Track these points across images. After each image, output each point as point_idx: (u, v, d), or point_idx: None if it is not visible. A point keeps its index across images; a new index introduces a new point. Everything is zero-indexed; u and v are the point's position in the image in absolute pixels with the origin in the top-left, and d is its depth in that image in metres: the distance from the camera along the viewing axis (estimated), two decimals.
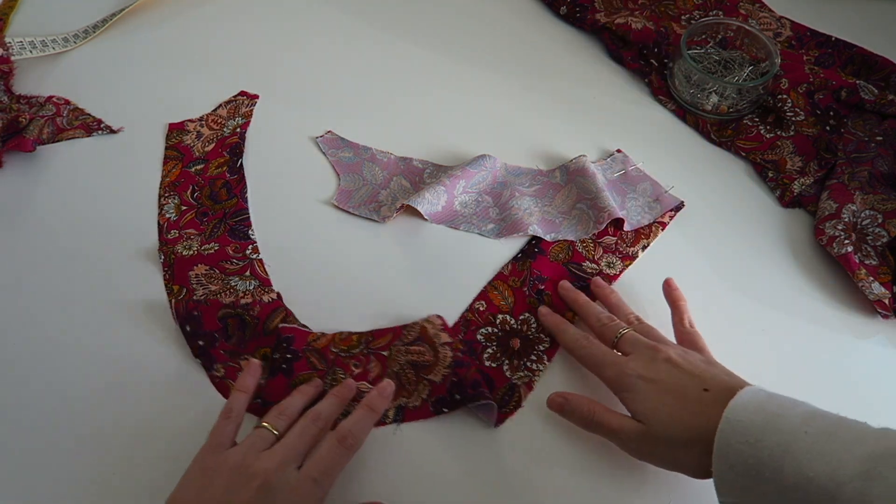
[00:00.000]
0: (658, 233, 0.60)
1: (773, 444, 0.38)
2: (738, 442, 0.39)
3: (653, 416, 0.44)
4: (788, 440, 0.37)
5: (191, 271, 0.55)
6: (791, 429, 0.38)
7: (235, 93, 0.68)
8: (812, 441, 0.37)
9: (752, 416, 0.39)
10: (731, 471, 0.39)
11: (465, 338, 0.54)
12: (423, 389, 0.50)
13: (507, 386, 0.51)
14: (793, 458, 0.37)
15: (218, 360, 0.51)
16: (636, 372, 0.46)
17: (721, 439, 0.40)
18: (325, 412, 0.46)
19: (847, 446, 0.36)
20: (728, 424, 0.40)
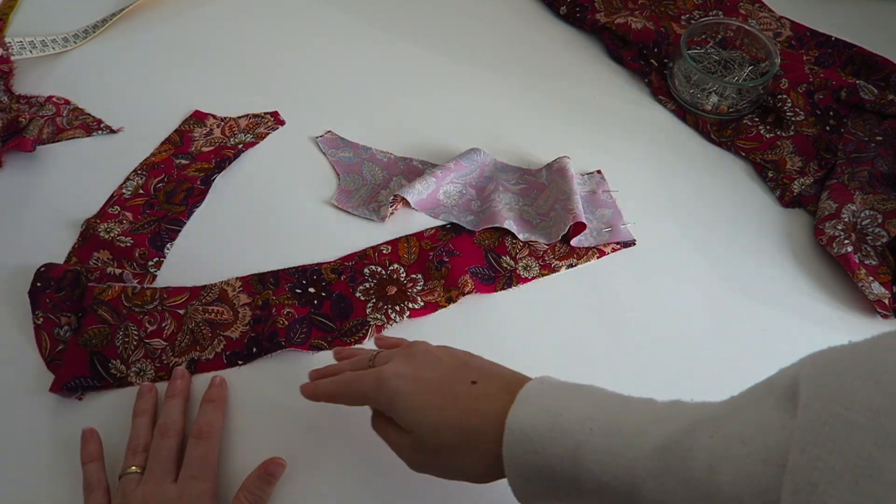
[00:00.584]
0: (592, 258, 0.59)
1: (561, 452, 0.34)
2: (526, 452, 0.35)
3: (418, 423, 0.39)
4: (575, 444, 0.34)
5: (96, 252, 0.56)
6: (575, 430, 0.34)
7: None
8: (597, 442, 0.34)
9: (535, 421, 0.35)
10: (527, 483, 0.36)
11: (354, 266, 0.57)
12: (217, 344, 0.52)
13: (360, 320, 0.54)
14: (584, 464, 0.34)
15: (41, 308, 0.53)
16: (393, 371, 0.40)
17: (507, 451, 0.36)
18: (170, 420, 0.47)
19: (632, 441, 0.33)
20: (511, 434, 0.36)
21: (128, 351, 0.52)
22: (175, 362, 0.52)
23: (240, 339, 0.53)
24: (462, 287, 0.55)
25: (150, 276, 0.56)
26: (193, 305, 0.54)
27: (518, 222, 0.60)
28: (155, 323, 0.53)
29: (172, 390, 0.49)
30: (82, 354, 0.50)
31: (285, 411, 0.50)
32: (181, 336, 0.53)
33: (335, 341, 0.53)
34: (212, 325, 0.53)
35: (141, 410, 0.48)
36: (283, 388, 0.51)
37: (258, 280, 0.55)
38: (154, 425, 0.48)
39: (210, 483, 0.44)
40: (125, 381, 0.51)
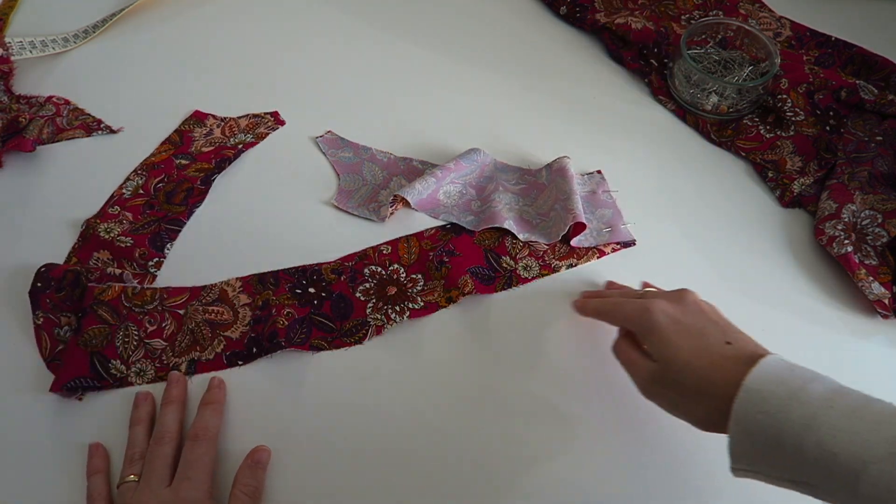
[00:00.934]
0: (592, 258, 0.59)
1: (795, 417, 0.37)
2: (759, 412, 0.38)
3: (671, 356, 0.43)
4: (812, 413, 0.36)
5: (96, 252, 0.56)
6: (815, 402, 0.37)
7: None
8: (837, 417, 0.36)
9: (773, 388, 0.38)
10: (748, 439, 0.39)
11: (354, 266, 0.57)
12: (217, 345, 0.52)
13: (360, 320, 0.54)
14: (816, 433, 0.36)
15: (41, 308, 0.53)
16: (660, 307, 0.45)
17: (739, 408, 0.39)
18: (166, 427, 0.47)
19: (874, 426, 0.35)
20: (748, 394, 0.39)
21: (128, 351, 0.52)
22: (175, 362, 0.52)
23: (240, 339, 0.53)
24: (462, 287, 0.55)
25: (150, 277, 0.56)
26: (193, 305, 0.54)
27: (518, 222, 0.60)
28: (155, 323, 0.53)
29: (168, 397, 0.49)
30: (82, 354, 0.50)
31: (285, 411, 0.50)
32: (181, 336, 0.53)
33: (335, 341, 0.53)
34: (212, 325, 0.53)
35: (137, 420, 0.48)
36: (284, 389, 0.51)
37: (258, 280, 0.55)
38: (151, 433, 0.48)
39: (205, 484, 0.44)
40: (125, 381, 0.51)
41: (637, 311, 0.46)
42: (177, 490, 0.44)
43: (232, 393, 0.51)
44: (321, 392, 0.51)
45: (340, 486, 0.48)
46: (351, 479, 0.48)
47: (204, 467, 0.45)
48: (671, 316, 0.45)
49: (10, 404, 0.50)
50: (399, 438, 0.50)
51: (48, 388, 0.49)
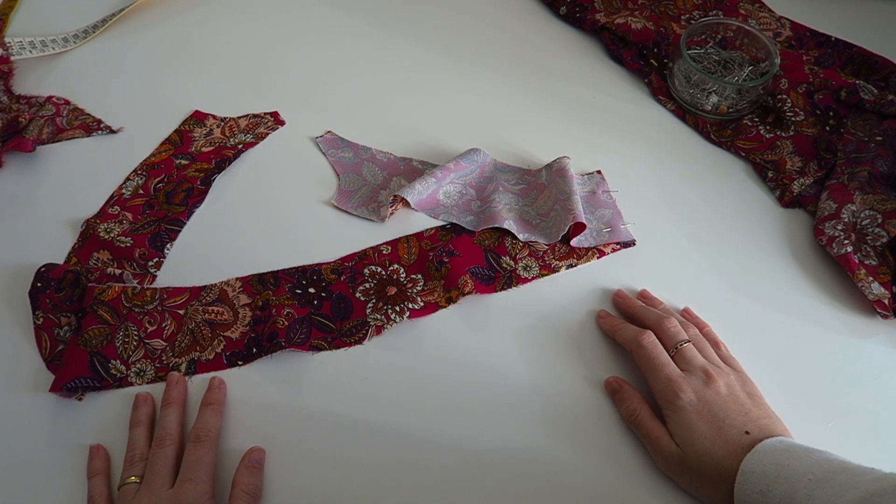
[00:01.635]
0: (592, 258, 0.59)
1: (780, 493, 0.40)
2: (753, 492, 0.42)
3: (691, 444, 0.46)
4: (793, 489, 0.40)
5: (95, 252, 0.56)
6: (797, 476, 0.40)
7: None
8: (813, 487, 0.39)
9: (765, 468, 0.42)
10: None
11: (354, 266, 0.57)
12: (217, 345, 0.52)
13: (360, 320, 0.54)
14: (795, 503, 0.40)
15: (41, 308, 0.53)
16: (687, 395, 0.47)
17: (739, 490, 0.43)
18: (167, 429, 0.47)
19: (842, 490, 0.38)
20: (744, 476, 0.42)
21: (128, 351, 0.52)
22: (175, 363, 0.52)
23: (240, 339, 0.53)
24: (462, 287, 0.55)
25: (150, 277, 0.56)
26: (193, 306, 0.54)
27: (518, 222, 0.60)
28: (155, 323, 0.53)
29: (168, 398, 0.49)
30: (82, 355, 0.50)
31: (285, 411, 0.50)
32: (181, 336, 0.53)
33: (335, 342, 0.53)
34: (212, 325, 0.53)
35: (137, 421, 0.48)
36: (284, 389, 0.51)
37: (258, 280, 0.56)
38: (151, 435, 0.48)
39: (206, 485, 0.45)
40: (125, 381, 0.51)
41: (667, 387, 0.48)
42: (179, 492, 0.44)
43: (232, 393, 0.51)
44: (321, 392, 0.51)
45: (340, 486, 0.48)
46: (351, 479, 0.48)
47: (206, 468, 0.45)
48: (695, 403, 0.47)
49: (10, 404, 0.50)
50: (399, 438, 0.50)
51: (48, 388, 0.49)
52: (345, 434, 0.50)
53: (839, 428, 0.51)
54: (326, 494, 0.48)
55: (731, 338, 0.55)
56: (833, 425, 0.52)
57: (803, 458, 0.42)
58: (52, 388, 0.49)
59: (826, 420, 0.52)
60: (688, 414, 0.46)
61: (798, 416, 0.52)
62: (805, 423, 0.50)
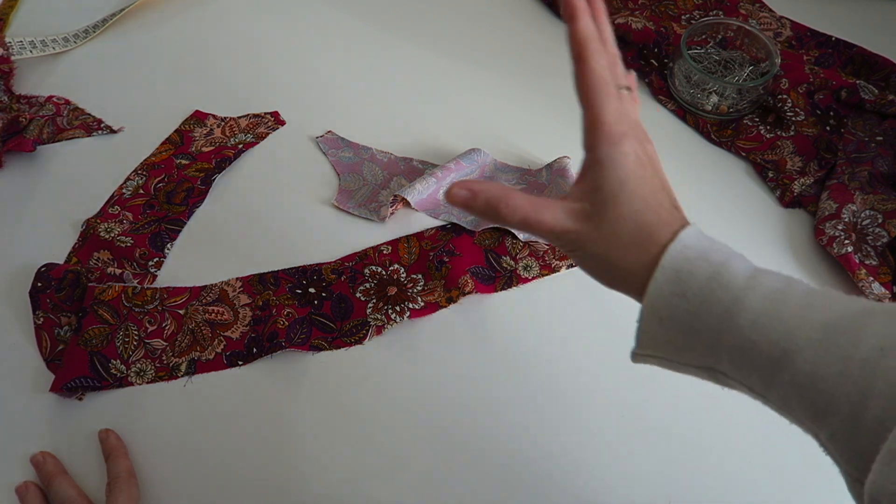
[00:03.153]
0: None
1: (714, 301, 0.33)
2: (673, 294, 0.33)
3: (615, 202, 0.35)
4: (731, 299, 0.32)
5: (96, 252, 0.56)
6: (737, 286, 0.33)
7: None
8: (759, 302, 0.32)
9: (692, 267, 0.33)
10: (660, 323, 0.34)
11: (354, 266, 0.57)
12: (217, 345, 0.52)
13: (360, 320, 0.54)
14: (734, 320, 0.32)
15: (42, 308, 0.53)
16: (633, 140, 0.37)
17: (654, 288, 0.33)
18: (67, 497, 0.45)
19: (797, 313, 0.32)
20: (663, 273, 0.33)
21: (128, 351, 0.52)
22: (175, 362, 0.52)
23: (240, 339, 0.53)
24: (462, 287, 0.55)
25: (151, 277, 0.56)
26: (193, 305, 0.54)
27: None
28: (155, 323, 0.53)
29: (47, 475, 0.47)
30: (82, 354, 0.50)
31: (285, 411, 0.50)
32: (181, 336, 0.53)
33: (335, 341, 0.53)
34: (212, 325, 0.53)
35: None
36: (284, 389, 0.51)
37: (258, 280, 0.56)
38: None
39: None
40: (125, 380, 0.51)
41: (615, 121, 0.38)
42: None
43: (232, 393, 0.51)
44: (321, 392, 0.51)
45: (340, 486, 0.48)
46: (351, 479, 0.48)
47: None
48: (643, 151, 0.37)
49: (10, 404, 0.50)
50: (399, 438, 0.50)
51: (48, 388, 0.49)
52: (345, 433, 0.50)
53: None
54: (327, 494, 0.47)
55: None
56: None
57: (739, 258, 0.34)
58: (52, 387, 0.49)
59: None
60: (628, 162, 0.36)
61: None
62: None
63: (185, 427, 0.50)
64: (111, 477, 0.46)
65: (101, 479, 0.47)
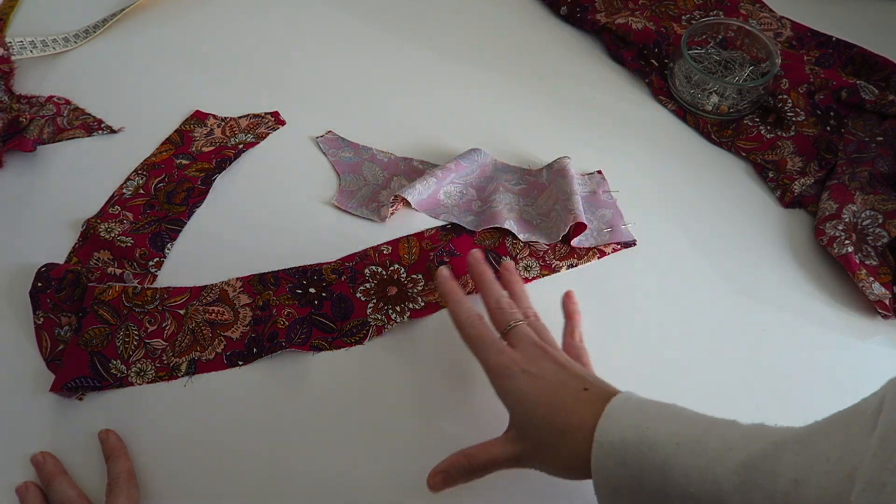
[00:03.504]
0: (592, 259, 0.59)
1: (648, 464, 0.37)
2: (615, 463, 0.38)
3: (524, 414, 0.42)
4: (664, 458, 0.37)
5: (96, 252, 0.56)
6: (663, 444, 0.37)
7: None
8: (685, 455, 0.36)
9: (623, 434, 0.38)
10: (614, 493, 0.39)
11: (354, 266, 0.56)
12: (218, 345, 0.52)
13: (361, 320, 0.54)
14: (671, 478, 0.36)
15: (42, 308, 0.53)
16: (520, 365, 0.44)
17: (597, 465, 0.38)
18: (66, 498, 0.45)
19: (718, 458, 0.36)
20: (601, 448, 0.38)
21: (128, 351, 0.52)
22: (175, 363, 0.52)
23: (240, 339, 0.53)
24: (463, 287, 0.55)
25: (151, 277, 0.56)
26: (194, 305, 0.54)
27: (518, 222, 0.60)
28: (155, 323, 0.53)
29: (47, 476, 0.46)
30: (83, 354, 0.50)
31: (285, 412, 0.50)
32: (181, 336, 0.53)
33: (335, 342, 0.53)
34: (212, 325, 0.53)
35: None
36: (284, 389, 0.51)
37: (258, 280, 0.55)
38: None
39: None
40: (126, 380, 0.51)
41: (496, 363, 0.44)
42: None
43: (232, 393, 0.51)
44: (321, 392, 0.51)
45: (341, 486, 0.48)
46: (351, 479, 0.48)
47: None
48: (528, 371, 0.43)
49: (10, 404, 0.50)
50: (399, 438, 0.50)
51: (48, 388, 0.49)
52: (345, 434, 0.50)
53: None
54: (327, 494, 0.47)
55: (731, 338, 0.55)
56: None
57: (660, 418, 0.38)
58: (52, 387, 0.49)
59: None
60: (521, 381, 0.43)
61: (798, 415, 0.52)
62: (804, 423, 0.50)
63: (185, 427, 0.50)
64: (111, 477, 0.46)
65: (101, 480, 0.47)
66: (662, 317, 0.56)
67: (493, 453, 0.44)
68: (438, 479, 0.45)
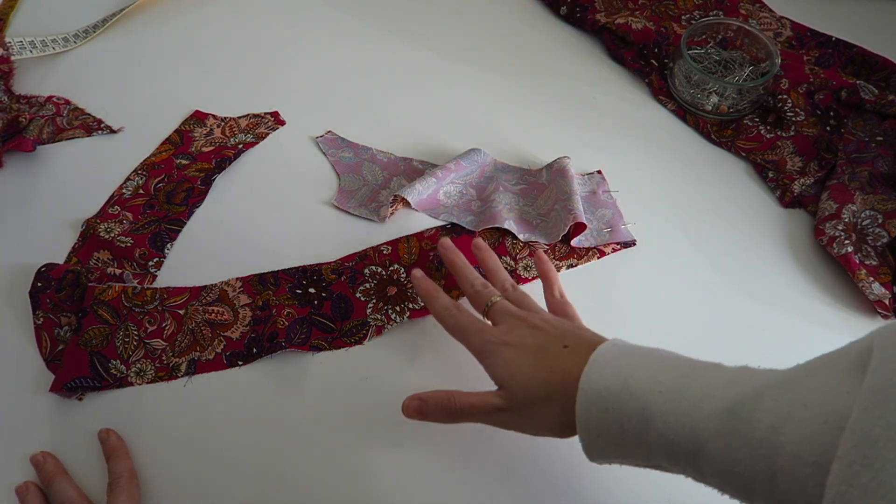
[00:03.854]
0: (592, 259, 0.59)
1: (629, 411, 0.37)
2: (598, 410, 0.38)
3: (511, 378, 0.43)
4: (644, 404, 0.37)
5: (96, 252, 0.56)
6: (644, 391, 0.37)
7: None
8: (665, 402, 0.37)
9: (607, 382, 0.38)
10: (597, 438, 0.39)
11: (354, 266, 0.56)
12: (217, 345, 0.52)
13: (360, 320, 0.54)
14: (651, 424, 0.37)
15: (42, 308, 0.53)
16: (500, 338, 0.44)
17: (581, 410, 0.39)
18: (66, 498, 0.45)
19: (697, 405, 0.36)
20: (584, 395, 0.39)
21: (128, 351, 0.52)
22: (175, 363, 0.52)
23: (240, 339, 0.53)
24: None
25: (151, 277, 0.56)
26: (193, 306, 0.54)
27: (518, 222, 0.60)
28: (155, 323, 0.53)
29: (47, 476, 0.46)
30: (82, 355, 0.50)
31: (285, 412, 0.50)
32: (181, 336, 0.53)
33: (335, 342, 0.53)
34: (212, 325, 0.53)
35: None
36: (284, 389, 0.51)
37: (258, 280, 0.56)
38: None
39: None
40: (125, 381, 0.51)
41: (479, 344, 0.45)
42: None
43: (232, 393, 0.51)
44: (321, 392, 0.51)
45: (341, 486, 0.48)
46: (351, 479, 0.48)
47: None
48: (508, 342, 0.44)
49: (10, 404, 0.50)
50: (399, 438, 0.50)
51: (48, 388, 0.49)
52: (345, 434, 0.50)
53: None
54: (326, 493, 0.47)
55: (731, 338, 0.55)
56: None
57: (643, 363, 0.39)
58: (52, 388, 0.49)
59: None
60: (502, 355, 0.43)
61: None
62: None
63: (185, 427, 0.50)
64: (112, 477, 0.46)
65: (101, 480, 0.47)
66: (662, 317, 0.56)
67: (474, 399, 0.44)
68: (414, 404, 0.45)
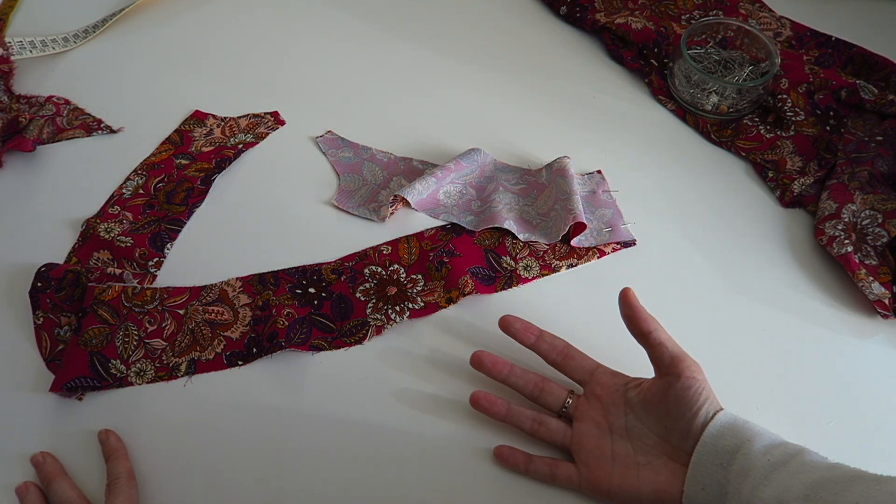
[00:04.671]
0: (592, 258, 0.59)
1: (738, 468, 0.41)
2: (713, 464, 0.42)
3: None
4: (751, 464, 0.41)
5: (96, 252, 0.56)
6: (755, 454, 0.41)
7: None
8: (769, 467, 0.40)
9: (726, 441, 0.42)
10: (702, 491, 0.43)
11: (354, 266, 0.57)
12: (217, 345, 0.52)
13: (360, 320, 0.54)
14: (750, 480, 0.40)
15: (41, 308, 0.53)
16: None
17: (697, 460, 0.43)
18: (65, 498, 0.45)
19: (795, 474, 0.39)
20: (704, 446, 0.43)
21: (128, 351, 0.52)
22: (175, 362, 0.52)
23: (240, 339, 0.53)
24: (462, 287, 0.55)
25: (151, 277, 0.56)
26: (193, 305, 0.54)
27: (518, 222, 0.60)
28: (155, 323, 0.53)
29: (47, 476, 0.46)
30: (82, 354, 0.50)
31: (284, 411, 0.50)
32: (181, 336, 0.53)
33: (335, 342, 0.53)
34: (212, 325, 0.53)
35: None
36: (284, 389, 0.51)
37: (258, 280, 0.56)
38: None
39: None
40: (125, 380, 0.51)
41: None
42: None
43: (232, 393, 0.51)
44: (321, 392, 0.51)
45: (340, 486, 0.48)
46: (351, 479, 0.48)
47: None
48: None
49: (10, 404, 0.50)
50: (399, 438, 0.50)
51: (48, 388, 0.49)
52: (345, 434, 0.50)
53: (839, 428, 0.51)
54: (326, 493, 0.47)
55: (731, 338, 0.55)
56: (832, 425, 0.52)
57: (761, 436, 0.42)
58: (52, 387, 0.49)
59: (826, 420, 0.52)
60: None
61: (798, 415, 0.52)
62: (804, 423, 0.51)
63: (184, 427, 0.50)
64: (111, 478, 0.46)
65: (100, 480, 0.47)
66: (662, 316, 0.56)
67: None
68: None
